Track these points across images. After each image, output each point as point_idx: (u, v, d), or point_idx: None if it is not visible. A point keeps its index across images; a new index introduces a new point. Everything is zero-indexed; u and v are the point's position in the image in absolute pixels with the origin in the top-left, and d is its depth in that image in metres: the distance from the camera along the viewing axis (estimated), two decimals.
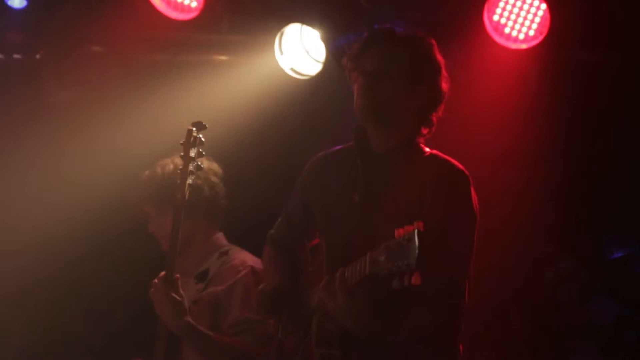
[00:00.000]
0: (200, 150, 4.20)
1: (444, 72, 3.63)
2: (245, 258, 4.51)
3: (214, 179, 4.60)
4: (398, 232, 3.09)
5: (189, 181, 4.16)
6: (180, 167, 4.19)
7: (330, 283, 3.37)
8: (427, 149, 3.64)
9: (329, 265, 3.56)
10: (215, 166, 4.63)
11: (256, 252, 4.38)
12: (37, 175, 5.74)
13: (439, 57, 3.64)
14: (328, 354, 3.48)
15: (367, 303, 3.33)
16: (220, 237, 4.64)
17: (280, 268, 3.84)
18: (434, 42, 3.65)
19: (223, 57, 5.42)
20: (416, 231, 3.05)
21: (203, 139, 4.20)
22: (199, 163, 4.20)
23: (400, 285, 3.08)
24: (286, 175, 4.32)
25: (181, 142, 4.19)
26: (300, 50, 5.14)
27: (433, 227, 3.12)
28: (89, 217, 5.68)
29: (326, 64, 5.06)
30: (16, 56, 5.68)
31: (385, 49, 3.57)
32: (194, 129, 4.20)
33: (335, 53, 4.86)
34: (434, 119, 3.65)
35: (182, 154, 4.20)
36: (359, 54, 3.61)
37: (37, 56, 5.66)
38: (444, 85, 3.62)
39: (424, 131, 3.65)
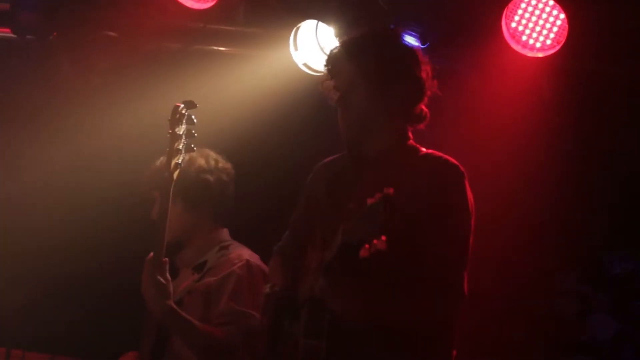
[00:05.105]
0: (192, 130, 4.11)
1: (420, 61, 3.61)
2: (242, 252, 4.47)
3: (225, 177, 4.54)
4: (369, 200, 3.09)
5: (177, 160, 4.09)
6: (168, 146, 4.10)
7: (316, 266, 3.37)
8: (423, 149, 3.63)
9: None
10: (228, 166, 4.57)
11: (260, 249, 4.38)
12: (44, 157, 5.72)
13: (410, 51, 3.64)
14: (312, 344, 3.42)
15: (345, 278, 3.30)
16: (224, 232, 4.60)
17: (283, 273, 3.81)
18: (397, 35, 3.72)
19: (237, 50, 5.40)
20: (384, 195, 3.05)
21: (194, 119, 4.11)
22: (190, 143, 4.11)
23: (366, 252, 3.05)
24: (295, 171, 4.29)
25: (168, 118, 4.11)
26: (315, 47, 5.11)
27: (428, 218, 3.10)
28: (92, 204, 5.68)
29: None
30: (29, 37, 5.65)
31: (350, 64, 3.57)
32: (182, 105, 4.10)
33: None
34: (420, 111, 3.63)
35: (169, 131, 4.11)
36: (332, 74, 3.63)
37: (51, 38, 5.63)
38: (423, 74, 3.60)
39: (413, 126, 3.65)
